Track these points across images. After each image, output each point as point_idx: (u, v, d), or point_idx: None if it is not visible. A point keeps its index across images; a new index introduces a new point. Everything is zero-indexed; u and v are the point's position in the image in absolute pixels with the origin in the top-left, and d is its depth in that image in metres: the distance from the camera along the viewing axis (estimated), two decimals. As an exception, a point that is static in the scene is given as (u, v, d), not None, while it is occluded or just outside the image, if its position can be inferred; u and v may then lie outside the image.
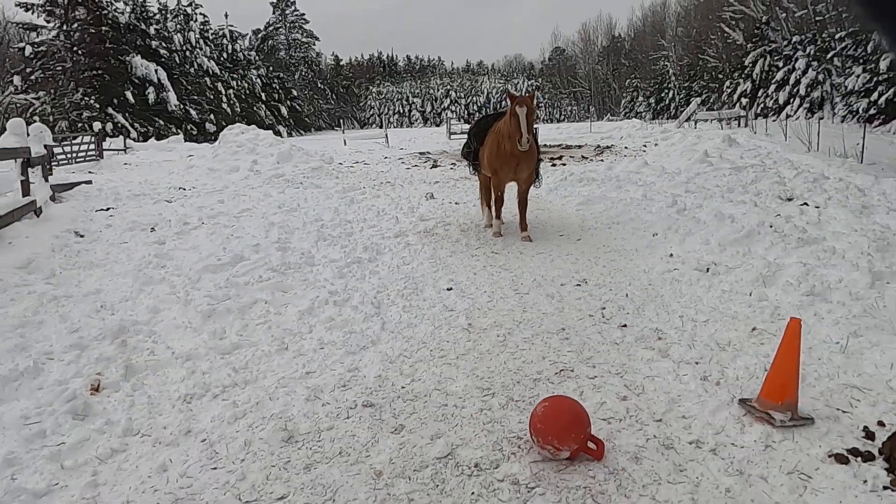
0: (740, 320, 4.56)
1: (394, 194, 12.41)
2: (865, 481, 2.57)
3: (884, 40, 0.78)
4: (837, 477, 2.62)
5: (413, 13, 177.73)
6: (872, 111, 26.97)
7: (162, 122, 45.10)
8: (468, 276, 6.18)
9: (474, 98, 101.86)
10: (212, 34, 63.09)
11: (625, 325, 4.56)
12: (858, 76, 28.96)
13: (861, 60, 29.28)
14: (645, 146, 23.92)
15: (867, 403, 3.24)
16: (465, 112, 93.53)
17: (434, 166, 19.21)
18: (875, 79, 26.85)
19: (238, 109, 58.12)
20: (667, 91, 75.09)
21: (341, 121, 57.78)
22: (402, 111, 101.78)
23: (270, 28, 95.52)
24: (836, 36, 34.22)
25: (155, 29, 50.94)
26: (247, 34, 79.37)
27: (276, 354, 4.24)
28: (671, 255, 6.62)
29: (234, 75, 62.66)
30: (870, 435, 2.92)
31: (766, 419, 3.05)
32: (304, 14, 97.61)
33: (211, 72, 56.85)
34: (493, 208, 8.21)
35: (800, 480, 2.62)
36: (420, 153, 25.26)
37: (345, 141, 33.51)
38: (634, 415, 3.21)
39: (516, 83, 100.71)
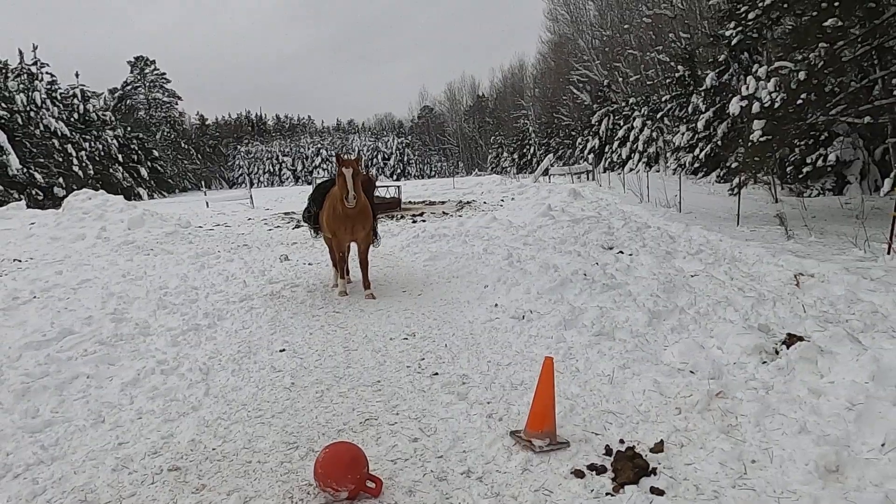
0: (537, 362, 5.11)
1: (248, 257, 12.40)
2: (593, 490, 3.10)
3: None
4: (573, 489, 3.13)
5: (282, 73, 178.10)
6: (696, 165, 30.48)
7: (2, 188, 41.59)
8: (304, 336, 6.42)
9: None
10: (61, 94, 59.62)
11: (436, 374, 5.00)
12: (683, 134, 32.74)
13: (685, 120, 33.13)
14: (502, 201, 25.42)
15: (617, 425, 3.84)
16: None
17: (297, 227, 19.27)
18: (696, 136, 30.46)
19: (91, 172, 54.88)
20: (528, 147, 79.99)
21: (203, 182, 56.06)
22: (272, 170, 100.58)
23: (129, 87, 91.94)
24: (664, 98, 38.53)
25: (-7, 89, 47.47)
26: (102, 93, 75.64)
27: (90, 428, 4.24)
28: (496, 305, 7.23)
29: (87, 136, 59.37)
30: (609, 452, 3.49)
31: (529, 446, 3.55)
32: (164, 73, 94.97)
33: (60, 133, 53.46)
34: (338, 268, 8.56)
35: (543, 496, 3.10)
36: (285, 213, 25.18)
37: (207, 203, 32.66)
38: (420, 453, 3.60)
39: (387, 140, 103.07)
